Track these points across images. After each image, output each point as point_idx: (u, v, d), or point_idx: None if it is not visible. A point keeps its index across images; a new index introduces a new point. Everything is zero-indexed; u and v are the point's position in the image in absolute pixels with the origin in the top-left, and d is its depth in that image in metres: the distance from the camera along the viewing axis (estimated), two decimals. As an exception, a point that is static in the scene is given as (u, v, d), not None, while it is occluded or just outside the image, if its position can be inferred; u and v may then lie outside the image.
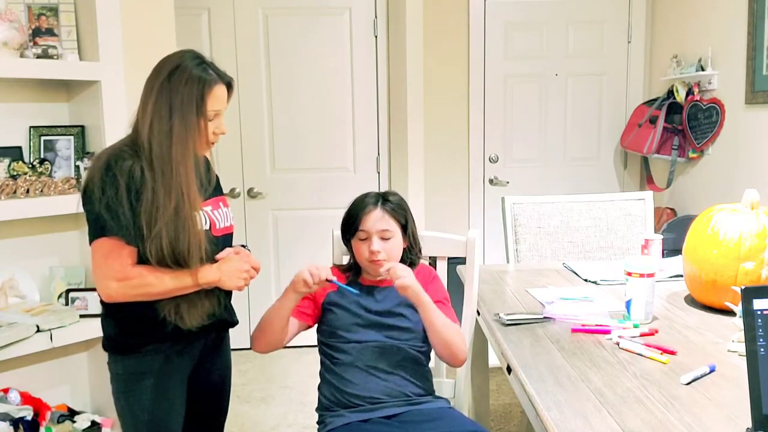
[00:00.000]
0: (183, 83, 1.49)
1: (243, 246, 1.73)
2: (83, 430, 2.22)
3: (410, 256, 1.85)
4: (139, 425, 1.59)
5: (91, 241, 1.50)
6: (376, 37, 3.69)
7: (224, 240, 1.66)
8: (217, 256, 1.60)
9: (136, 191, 1.47)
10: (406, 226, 1.81)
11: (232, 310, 1.77)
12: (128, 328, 1.58)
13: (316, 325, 1.83)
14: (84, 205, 1.51)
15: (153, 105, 1.49)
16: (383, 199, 1.80)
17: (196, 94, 1.50)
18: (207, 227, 1.58)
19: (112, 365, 1.61)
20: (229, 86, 1.59)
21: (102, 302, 1.58)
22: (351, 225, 1.79)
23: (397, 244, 1.78)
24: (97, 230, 1.48)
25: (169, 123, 1.48)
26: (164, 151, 1.48)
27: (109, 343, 1.61)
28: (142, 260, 1.51)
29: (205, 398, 1.76)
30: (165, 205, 1.47)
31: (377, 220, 1.76)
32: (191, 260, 1.51)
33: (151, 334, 1.56)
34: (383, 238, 1.76)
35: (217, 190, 1.71)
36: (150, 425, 1.59)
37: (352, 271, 1.85)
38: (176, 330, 1.56)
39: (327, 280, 1.63)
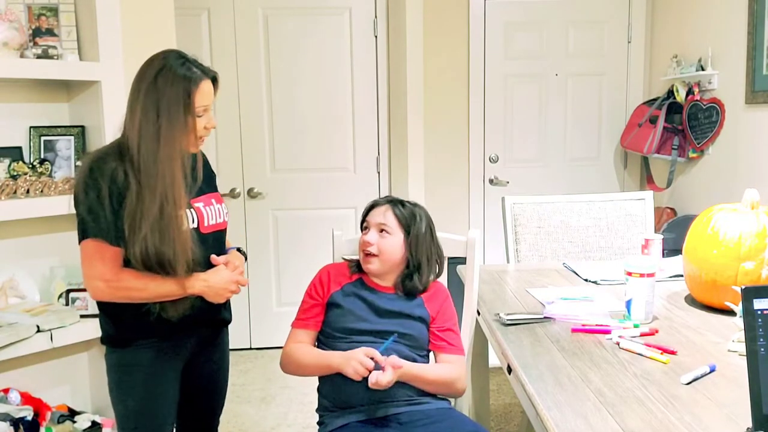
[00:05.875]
0: (169, 84, 1.51)
1: (239, 250, 1.74)
2: (83, 430, 2.22)
3: (410, 270, 1.80)
4: (129, 415, 1.63)
5: (79, 242, 1.54)
6: (376, 36, 3.69)
7: (214, 237, 1.67)
8: (213, 259, 1.62)
9: (118, 194, 1.49)
10: (410, 234, 1.79)
11: (228, 308, 1.78)
12: (121, 324, 1.61)
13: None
14: (74, 206, 1.55)
15: (141, 108, 1.51)
16: (398, 201, 1.82)
17: (182, 93, 1.51)
18: (195, 225, 1.60)
19: (107, 357, 1.65)
20: (215, 80, 1.60)
21: (98, 301, 1.62)
22: (362, 219, 1.84)
23: (394, 244, 1.77)
24: (81, 232, 1.52)
25: (157, 124, 1.50)
26: (151, 152, 1.50)
27: (105, 337, 1.65)
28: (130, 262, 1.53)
29: (198, 394, 1.78)
30: (149, 208, 1.49)
31: (379, 213, 1.79)
32: (177, 264, 1.52)
33: (142, 329, 1.60)
34: (380, 232, 1.76)
35: (211, 187, 1.73)
36: (138, 416, 1.62)
37: (357, 266, 1.85)
38: (166, 326, 1.59)
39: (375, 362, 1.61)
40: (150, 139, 1.50)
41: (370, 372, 1.58)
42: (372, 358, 1.59)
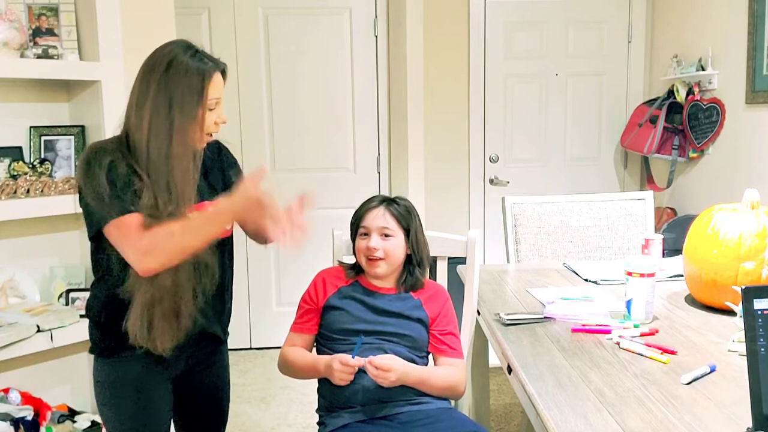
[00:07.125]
0: (182, 76, 1.43)
1: None
2: (83, 430, 2.22)
3: (410, 266, 1.82)
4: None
5: (92, 236, 1.45)
6: (376, 37, 3.69)
7: (219, 243, 1.58)
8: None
9: (125, 179, 1.41)
10: (409, 231, 1.80)
11: (225, 325, 1.70)
12: (107, 331, 1.53)
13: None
14: (79, 203, 1.47)
15: (151, 102, 1.42)
16: (390, 201, 1.81)
17: (196, 84, 1.44)
18: None
19: (96, 372, 1.58)
20: (224, 73, 1.53)
21: (86, 306, 1.56)
22: (355, 224, 1.82)
23: (398, 245, 1.78)
24: (94, 223, 1.43)
25: (169, 118, 1.42)
26: (163, 148, 1.42)
27: (93, 346, 1.58)
28: None
29: (197, 410, 1.72)
30: (155, 202, 1.41)
31: (378, 217, 1.78)
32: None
33: (128, 339, 1.48)
34: (383, 236, 1.76)
35: (224, 191, 1.64)
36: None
37: (354, 270, 1.85)
38: None
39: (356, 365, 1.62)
40: (162, 134, 1.41)
41: (355, 373, 1.63)
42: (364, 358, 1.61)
